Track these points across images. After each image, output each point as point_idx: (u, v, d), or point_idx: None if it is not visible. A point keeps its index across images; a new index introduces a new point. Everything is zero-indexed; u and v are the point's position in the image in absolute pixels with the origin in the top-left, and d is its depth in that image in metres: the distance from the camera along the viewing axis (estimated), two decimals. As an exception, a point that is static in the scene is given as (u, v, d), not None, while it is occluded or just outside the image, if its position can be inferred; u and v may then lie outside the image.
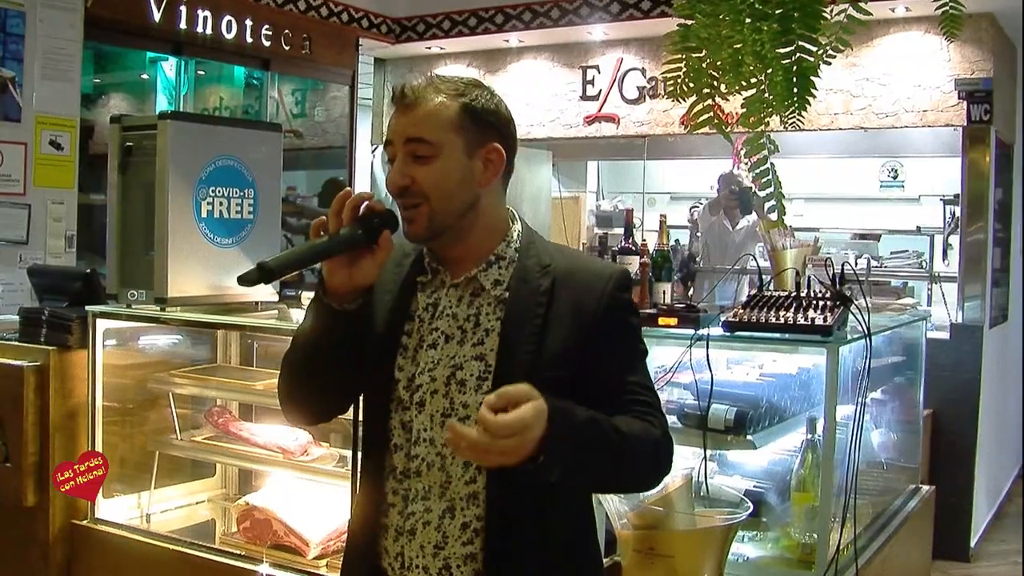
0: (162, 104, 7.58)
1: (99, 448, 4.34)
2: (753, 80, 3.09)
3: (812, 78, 2.97)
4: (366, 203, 2.10)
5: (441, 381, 2.11)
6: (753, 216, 8.36)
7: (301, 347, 2.19)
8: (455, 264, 2.17)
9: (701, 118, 3.24)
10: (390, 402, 2.16)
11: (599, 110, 8.64)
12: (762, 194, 3.19)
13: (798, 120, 3.05)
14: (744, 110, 3.17)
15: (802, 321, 3.59)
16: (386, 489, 2.17)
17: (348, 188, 2.17)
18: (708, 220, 8.75)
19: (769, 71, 3.01)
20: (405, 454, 2.14)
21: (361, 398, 2.30)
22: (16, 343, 4.45)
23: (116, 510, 4.40)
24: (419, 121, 2.08)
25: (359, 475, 2.28)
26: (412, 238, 2.13)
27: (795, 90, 2.97)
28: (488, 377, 2.08)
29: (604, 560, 3.51)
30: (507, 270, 2.15)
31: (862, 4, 3.03)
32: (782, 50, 2.96)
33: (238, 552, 3.99)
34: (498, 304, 2.12)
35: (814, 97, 3.02)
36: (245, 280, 2.02)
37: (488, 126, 2.13)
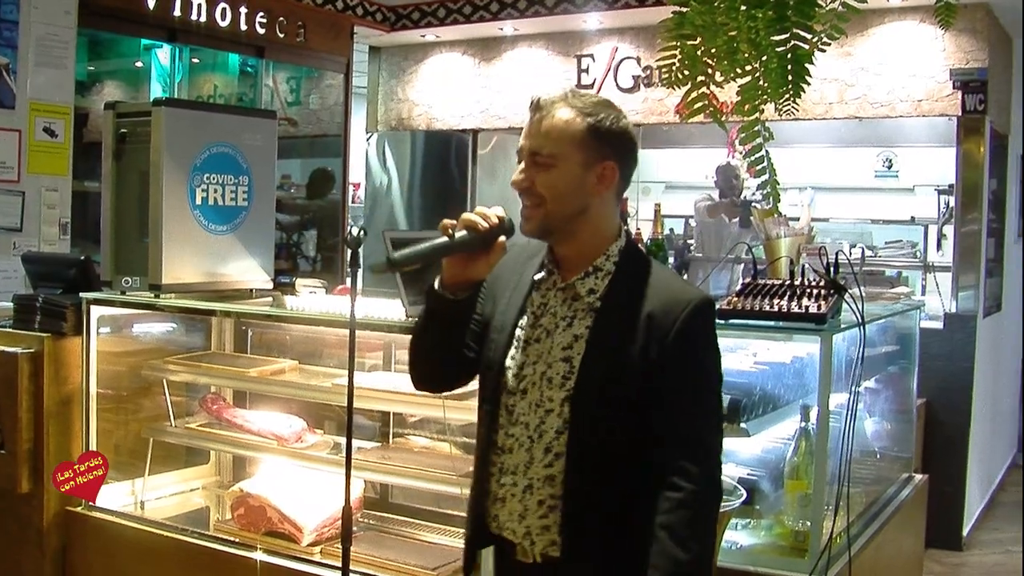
0: (156, 92, 7.55)
1: (93, 435, 4.35)
2: (748, 67, 3.09)
3: (807, 65, 2.97)
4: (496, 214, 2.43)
5: (538, 374, 2.42)
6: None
7: (418, 326, 2.57)
8: (566, 266, 2.46)
9: (696, 106, 3.24)
10: (501, 386, 2.48)
11: (594, 99, 8.62)
12: (756, 182, 3.19)
13: (793, 107, 3.05)
14: (739, 98, 3.17)
15: (796, 309, 3.60)
16: (489, 460, 2.49)
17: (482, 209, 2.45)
18: (705, 218, 8.73)
19: (764, 58, 3.00)
20: (504, 432, 2.46)
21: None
22: (10, 330, 4.45)
23: (111, 497, 4.40)
24: (545, 133, 2.37)
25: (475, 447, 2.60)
26: (526, 232, 2.44)
27: (790, 77, 2.97)
28: (571, 378, 2.37)
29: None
30: (603, 281, 2.41)
31: (857, -8, 3.03)
32: (777, 37, 2.95)
33: (232, 539, 4.00)
34: (590, 312, 2.40)
35: (808, 84, 3.02)
36: (375, 269, 2.42)
37: (608, 145, 2.38)
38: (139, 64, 7.84)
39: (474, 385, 2.65)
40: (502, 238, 2.42)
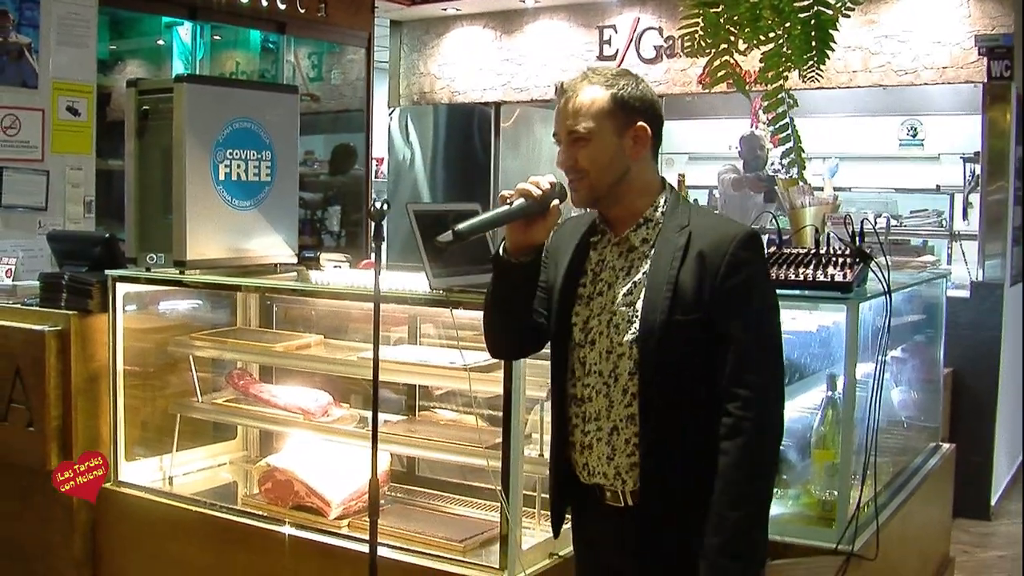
0: (178, 70, 7.55)
1: (120, 411, 4.36)
2: (771, 34, 3.07)
3: (831, 32, 2.95)
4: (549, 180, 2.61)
5: (604, 324, 2.60)
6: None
7: (489, 293, 2.76)
8: (616, 224, 2.64)
9: (719, 74, 3.22)
10: (570, 341, 2.66)
11: (616, 70, 8.57)
12: (780, 150, 3.17)
13: (816, 75, 3.03)
14: (762, 66, 3.15)
15: (822, 278, 3.58)
16: (569, 413, 2.69)
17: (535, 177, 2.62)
18: (730, 190, 8.70)
19: (787, 25, 2.98)
20: (581, 384, 2.65)
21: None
22: (37, 308, 4.47)
23: (139, 473, 4.43)
24: (575, 113, 2.55)
25: (550, 402, 2.79)
26: (576, 204, 2.64)
27: (814, 44, 2.95)
28: (635, 320, 2.54)
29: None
30: (653, 230, 2.60)
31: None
32: (800, 3, 2.93)
33: (260, 513, 4.01)
34: (645, 259, 2.58)
35: (832, 51, 3.00)
36: (442, 243, 2.56)
37: (634, 110, 2.56)
38: (160, 42, 7.85)
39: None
40: (556, 202, 2.59)
